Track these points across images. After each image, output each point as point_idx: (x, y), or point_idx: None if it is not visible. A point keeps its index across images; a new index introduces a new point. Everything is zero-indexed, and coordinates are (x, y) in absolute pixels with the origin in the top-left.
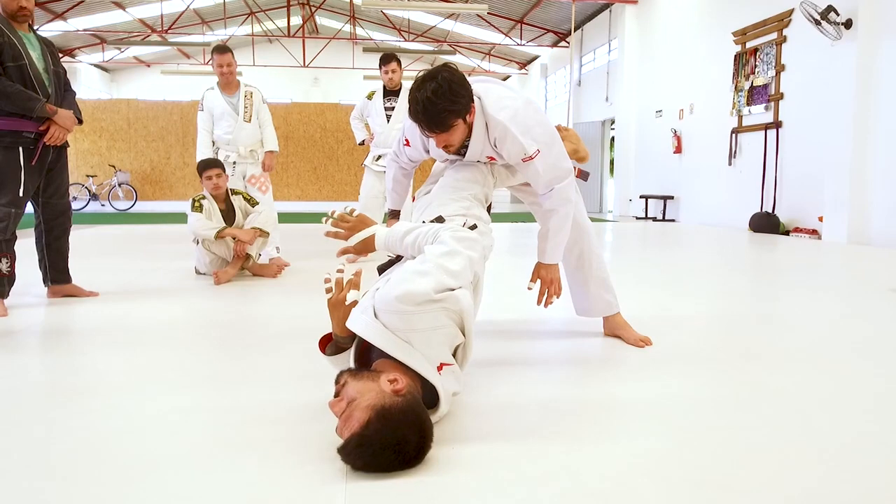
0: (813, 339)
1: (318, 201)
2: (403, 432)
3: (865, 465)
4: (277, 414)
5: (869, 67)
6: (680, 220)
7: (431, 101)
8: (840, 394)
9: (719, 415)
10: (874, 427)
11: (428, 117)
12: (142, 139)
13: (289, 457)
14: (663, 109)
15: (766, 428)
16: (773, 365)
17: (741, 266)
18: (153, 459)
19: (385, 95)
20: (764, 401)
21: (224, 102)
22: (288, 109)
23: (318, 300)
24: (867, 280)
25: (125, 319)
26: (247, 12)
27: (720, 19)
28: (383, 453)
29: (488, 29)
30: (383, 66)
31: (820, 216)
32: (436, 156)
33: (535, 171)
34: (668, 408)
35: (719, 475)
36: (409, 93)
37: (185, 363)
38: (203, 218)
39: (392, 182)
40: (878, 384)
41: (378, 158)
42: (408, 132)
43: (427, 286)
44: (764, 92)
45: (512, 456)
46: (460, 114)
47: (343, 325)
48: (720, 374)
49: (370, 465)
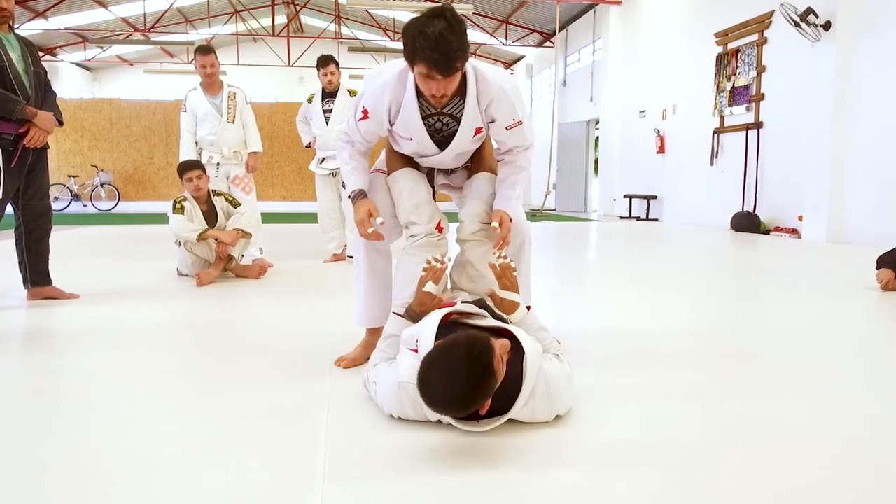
0: (795, 338)
1: (303, 201)
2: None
3: (848, 464)
4: (261, 415)
5: (848, 69)
6: (663, 219)
7: (444, 38)
8: (820, 391)
9: (710, 410)
10: (858, 427)
11: (440, 54)
12: (124, 139)
13: (271, 458)
14: (647, 110)
15: (755, 429)
16: (760, 364)
17: (724, 266)
18: (137, 462)
19: (324, 98)
20: (751, 398)
21: (207, 103)
22: (273, 109)
23: (301, 301)
24: (847, 278)
25: (107, 322)
26: (231, 11)
27: (703, 20)
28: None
29: (473, 29)
30: (322, 68)
31: (800, 215)
32: (401, 131)
33: (520, 136)
34: (657, 405)
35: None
36: (412, 28)
37: (168, 365)
38: (185, 220)
39: (350, 162)
40: (860, 381)
41: (322, 161)
42: (367, 100)
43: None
44: (745, 92)
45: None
46: (465, 58)
47: (420, 302)
48: (710, 373)
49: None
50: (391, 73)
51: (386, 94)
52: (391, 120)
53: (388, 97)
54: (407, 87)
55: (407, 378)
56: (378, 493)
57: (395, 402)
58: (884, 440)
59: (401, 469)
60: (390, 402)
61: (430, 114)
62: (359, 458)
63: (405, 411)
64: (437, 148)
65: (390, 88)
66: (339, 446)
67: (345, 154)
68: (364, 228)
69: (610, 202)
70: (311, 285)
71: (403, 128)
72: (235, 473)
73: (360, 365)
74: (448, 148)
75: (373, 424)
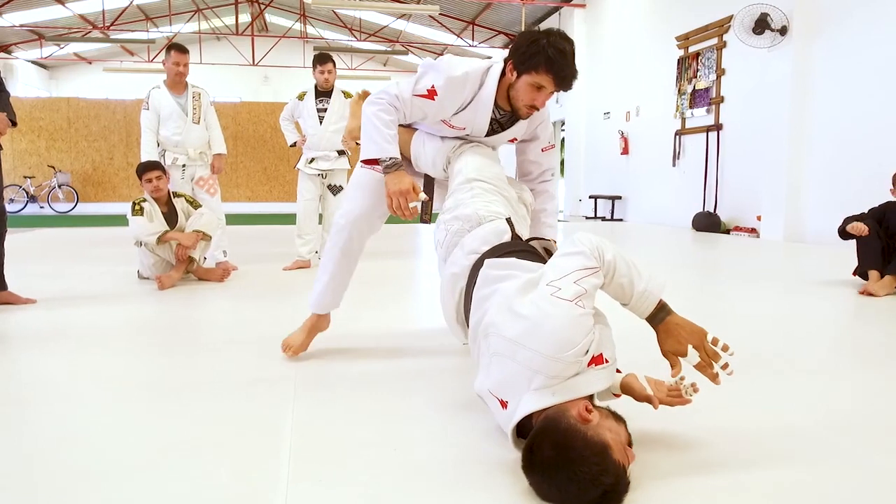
0: (753, 329)
1: (269, 202)
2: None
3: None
4: (224, 418)
5: (803, 72)
6: (627, 219)
7: (573, 59)
8: (777, 378)
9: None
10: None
11: (569, 73)
12: (83, 139)
13: (235, 460)
14: (611, 111)
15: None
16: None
17: (686, 264)
18: (97, 469)
19: (317, 96)
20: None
21: (172, 102)
22: (237, 108)
23: (265, 304)
24: (802, 275)
25: (65, 326)
26: (193, 9)
27: (664, 24)
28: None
29: (440, 30)
30: (320, 66)
31: (758, 215)
32: (458, 122)
33: (554, 158)
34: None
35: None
36: (542, 40)
37: (128, 370)
38: (144, 221)
39: (391, 129)
40: (806, 378)
41: (311, 161)
42: (442, 83)
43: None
44: (705, 95)
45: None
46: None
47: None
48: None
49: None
50: (475, 67)
51: (468, 87)
52: (452, 112)
53: (468, 91)
54: (486, 86)
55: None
56: (342, 492)
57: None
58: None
59: (365, 467)
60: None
61: (492, 118)
62: (323, 458)
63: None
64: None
65: (472, 83)
66: (303, 446)
67: (386, 117)
68: (405, 200)
69: (576, 202)
70: (275, 288)
71: (464, 121)
72: (199, 477)
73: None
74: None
75: (337, 424)
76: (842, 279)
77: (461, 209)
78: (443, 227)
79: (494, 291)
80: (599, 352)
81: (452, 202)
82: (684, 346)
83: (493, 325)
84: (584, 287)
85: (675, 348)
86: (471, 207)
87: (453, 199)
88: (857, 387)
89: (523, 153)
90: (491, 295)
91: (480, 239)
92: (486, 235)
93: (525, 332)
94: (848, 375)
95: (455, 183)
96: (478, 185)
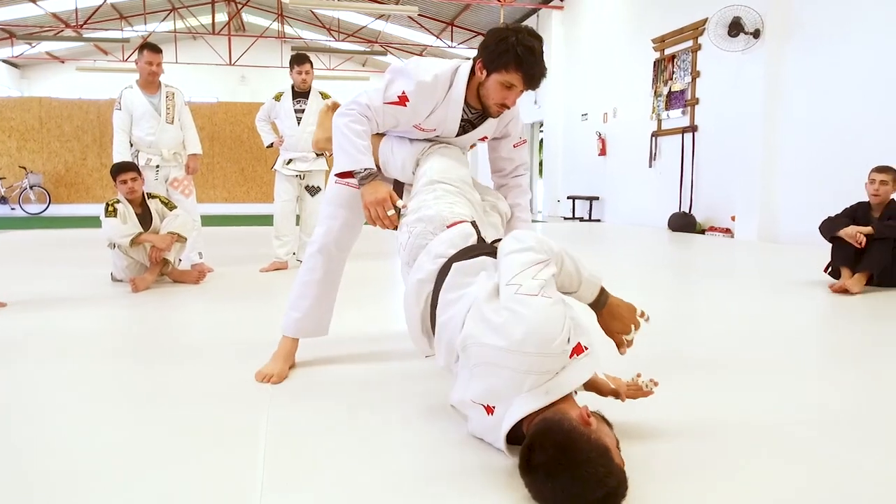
0: (733, 332)
1: (246, 203)
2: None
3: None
4: (199, 424)
5: (776, 75)
6: (605, 220)
7: (542, 58)
8: (749, 375)
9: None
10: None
11: (538, 72)
12: (55, 139)
13: (209, 468)
14: (589, 113)
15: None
16: (695, 351)
17: (662, 263)
18: (68, 476)
19: (295, 97)
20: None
21: (146, 102)
22: (213, 109)
23: (242, 307)
24: (777, 274)
25: (37, 330)
26: (168, 8)
27: (641, 27)
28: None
29: (419, 31)
30: (297, 66)
31: (733, 216)
32: (429, 125)
33: (525, 152)
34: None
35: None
36: (510, 38)
37: (101, 375)
38: (118, 223)
39: (364, 139)
40: (778, 376)
41: (289, 162)
42: (413, 88)
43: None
44: (681, 97)
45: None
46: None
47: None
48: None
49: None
50: (444, 69)
51: (438, 89)
52: (424, 116)
53: (439, 93)
54: (456, 86)
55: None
56: (318, 499)
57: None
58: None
59: (342, 475)
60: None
61: (463, 118)
62: (298, 465)
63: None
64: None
65: (442, 85)
66: (278, 453)
67: (358, 127)
68: (383, 210)
69: (554, 203)
70: (252, 291)
71: (435, 122)
72: (171, 485)
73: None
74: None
75: (313, 430)
76: (814, 278)
77: (424, 210)
78: (405, 230)
79: (462, 296)
80: (576, 341)
81: (415, 203)
82: (628, 324)
83: (470, 337)
84: (543, 278)
85: (621, 328)
86: (434, 209)
87: (416, 200)
88: (828, 383)
89: (496, 150)
90: (458, 300)
91: (447, 243)
92: (452, 239)
93: (506, 337)
94: (820, 372)
95: (419, 184)
96: (441, 186)
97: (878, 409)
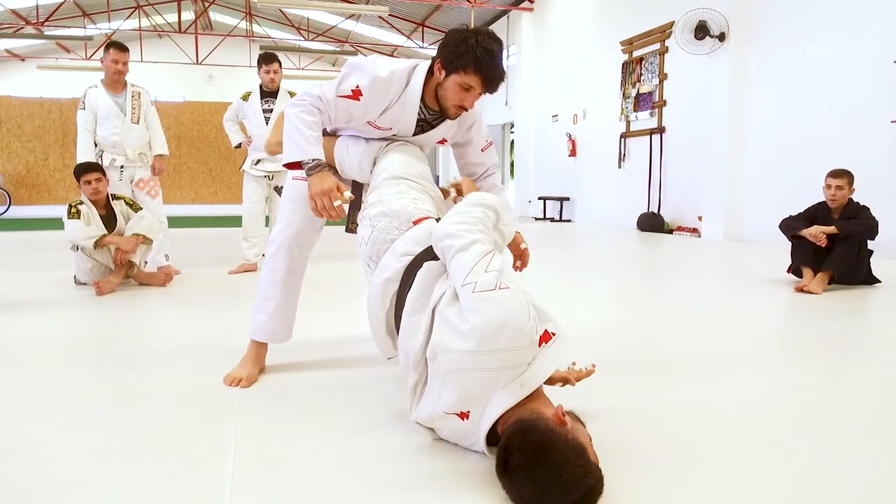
0: (698, 330)
1: (214, 204)
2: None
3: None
4: (167, 428)
5: (741, 77)
6: (575, 220)
7: (500, 61)
8: (729, 387)
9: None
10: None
11: (497, 75)
12: (15, 139)
13: (177, 470)
14: (559, 114)
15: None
16: (668, 351)
17: (632, 263)
18: (31, 483)
19: (263, 97)
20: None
21: (110, 102)
22: (180, 108)
23: (209, 310)
24: (742, 273)
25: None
26: (133, 6)
27: (609, 29)
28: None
29: (390, 31)
30: (265, 66)
31: (699, 215)
32: (384, 123)
33: (494, 154)
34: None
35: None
36: (470, 40)
37: (65, 379)
38: (81, 225)
39: (314, 130)
40: (748, 373)
41: (257, 163)
42: (367, 83)
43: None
44: (649, 99)
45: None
46: None
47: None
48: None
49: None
50: (401, 67)
51: (393, 86)
52: (376, 113)
53: (394, 90)
54: (413, 85)
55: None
56: (287, 501)
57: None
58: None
59: (311, 477)
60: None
61: (420, 118)
62: (267, 467)
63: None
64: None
65: (398, 82)
66: (247, 456)
67: (308, 118)
68: (329, 200)
69: (525, 204)
70: (219, 293)
71: (390, 121)
72: (139, 487)
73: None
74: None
75: (283, 432)
76: (778, 277)
77: (388, 205)
78: (367, 223)
79: (429, 294)
80: (543, 328)
81: (376, 197)
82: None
83: (439, 345)
84: (496, 269)
85: (518, 251)
86: (398, 204)
87: (377, 193)
88: (789, 379)
89: (463, 157)
90: (426, 301)
91: (413, 240)
92: (418, 237)
93: (474, 339)
94: (781, 369)
95: (379, 179)
96: (404, 182)
97: (848, 407)
